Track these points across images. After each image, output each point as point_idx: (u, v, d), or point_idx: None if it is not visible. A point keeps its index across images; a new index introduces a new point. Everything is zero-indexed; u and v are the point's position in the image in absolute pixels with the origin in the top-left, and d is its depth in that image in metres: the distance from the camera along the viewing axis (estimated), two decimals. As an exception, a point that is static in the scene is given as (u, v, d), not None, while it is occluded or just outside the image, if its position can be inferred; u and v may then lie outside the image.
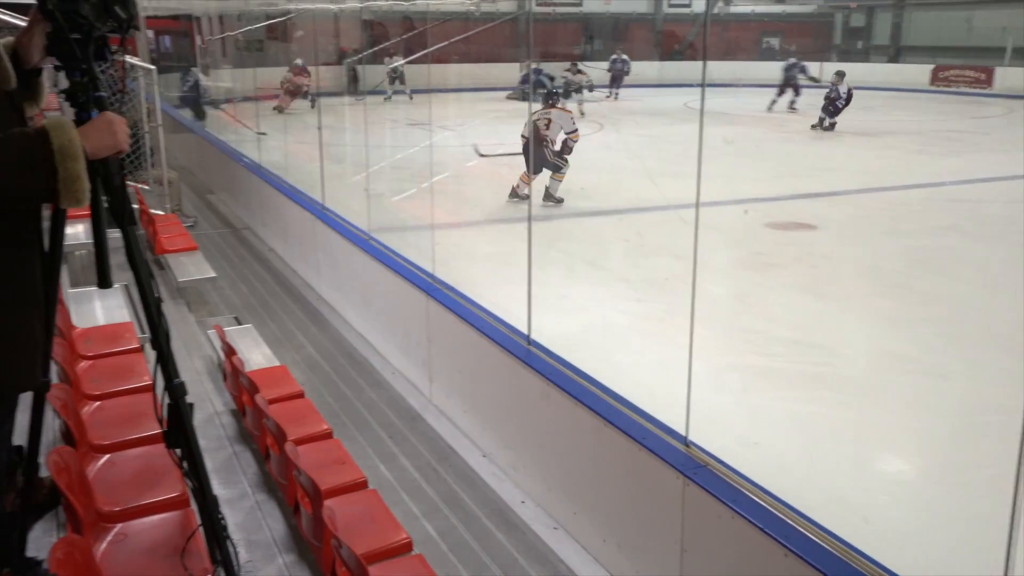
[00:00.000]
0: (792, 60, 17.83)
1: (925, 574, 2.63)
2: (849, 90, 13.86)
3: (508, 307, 3.98)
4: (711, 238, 7.11)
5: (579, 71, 18.01)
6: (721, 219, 7.97)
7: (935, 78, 23.97)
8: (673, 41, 27.14)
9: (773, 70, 23.17)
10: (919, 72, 24.32)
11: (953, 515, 3.17)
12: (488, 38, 19.87)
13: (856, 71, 25.13)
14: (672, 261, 5.86)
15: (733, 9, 28.29)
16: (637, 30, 27.83)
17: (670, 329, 3.26)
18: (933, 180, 9.90)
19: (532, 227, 4.28)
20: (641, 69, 22.54)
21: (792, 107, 17.33)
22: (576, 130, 8.28)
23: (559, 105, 8.75)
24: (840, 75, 14.25)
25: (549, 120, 8.21)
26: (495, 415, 3.87)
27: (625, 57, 20.71)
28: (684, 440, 2.90)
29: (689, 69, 22.38)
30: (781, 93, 17.69)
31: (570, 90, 16.97)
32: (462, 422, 4.12)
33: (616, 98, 20.66)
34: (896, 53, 27.61)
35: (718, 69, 17.96)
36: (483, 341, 3.86)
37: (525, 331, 3.72)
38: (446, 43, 9.65)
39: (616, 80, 20.98)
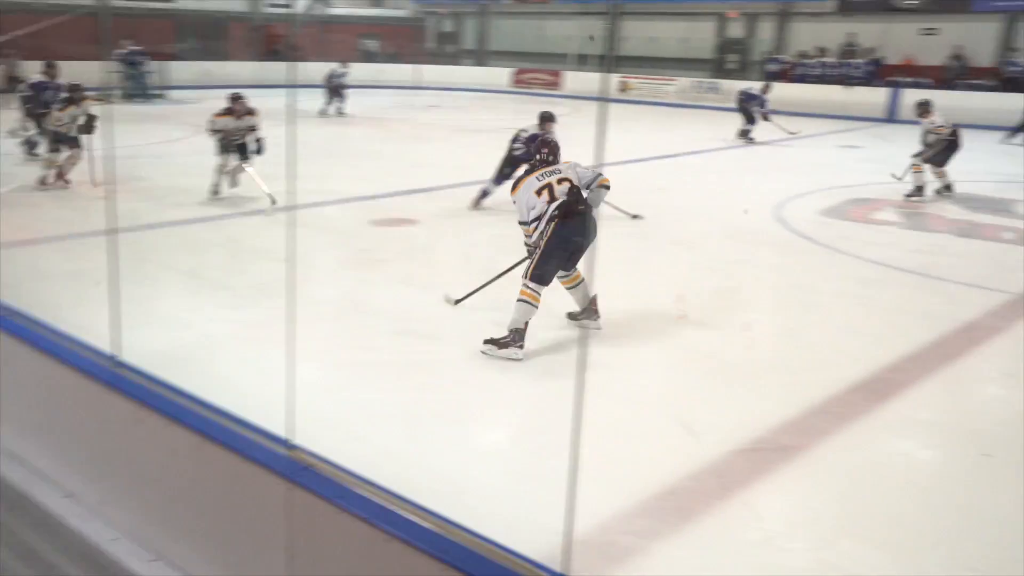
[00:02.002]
0: (337, 67, 17.40)
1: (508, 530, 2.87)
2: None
3: (99, 329, 3.62)
4: (318, 239, 7.22)
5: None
6: (326, 219, 8.02)
7: (515, 80, 26.34)
8: (273, 41, 26.63)
9: (371, 71, 23.90)
10: (503, 75, 26.57)
11: (534, 474, 3.51)
12: (63, 32, 17.85)
13: (449, 74, 26.93)
14: (277, 265, 5.77)
15: (332, 10, 28.53)
16: (237, 29, 26.88)
17: (276, 334, 3.23)
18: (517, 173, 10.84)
19: (119, 240, 3.94)
20: (236, 70, 21.89)
21: (338, 112, 17.20)
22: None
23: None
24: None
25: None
26: (80, 449, 3.50)
27: (344, 70, 17.63)
28: (287, 444, 2.86)
29: (291, 69, 22.21)
30: (330, 100, 17.17)
31: None
32: (41, 462, 3.67)
33: (340, 113, 17.52)
34: (483, 57, 29.91)
35: (319, 70, 18.08)
36: (61, 369, 3.47)
37: (109, 351, 3.41)
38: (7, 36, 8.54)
39: (336, 94, 17.53)
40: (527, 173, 5.01)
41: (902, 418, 4.19)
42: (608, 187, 5.01)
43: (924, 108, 10.01)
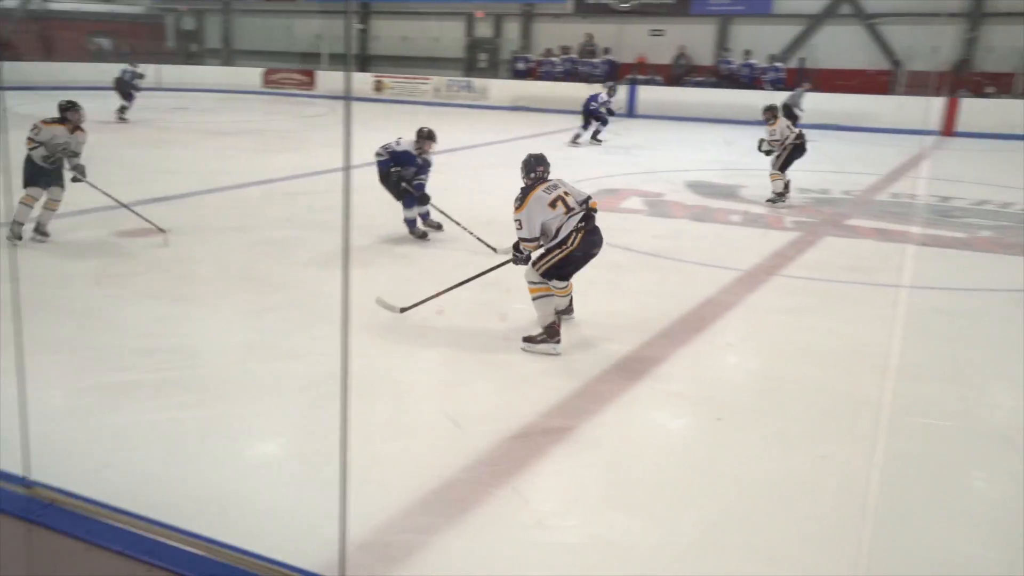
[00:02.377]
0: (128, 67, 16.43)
1: (285, 544, 2.78)
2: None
3: None
4: (53, 255, 6.57)
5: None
6: (61, 233, 7.34)
7: (266, 81, 25.48)
8: (-17, 39, 23.95)
9: (96, 72, 22.11)
10: (252, 75, 25.60)
11: (307, 484, 3.43)
12: None
13: (193, 74, 25.54)
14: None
15: (54, 6, 26.11)
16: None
17: (5, 361, 2.89)
18: (270, 176, 10.53)
19: None
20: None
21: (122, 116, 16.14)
22: None
23: None
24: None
25: None
26: None
27: (136, 70, 15.85)
28: (24, 481, 2.59)
29: (8, 71, 20.07)
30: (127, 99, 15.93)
31: None
32: None
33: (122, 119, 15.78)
34: (229, 56, 28.64)
35: (40, 71, 16.50)
36: None
37: None
38: None
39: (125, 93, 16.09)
40: (530, 189, 5.02)
41: (655, 392, 4.51)
42: (596, 211, 5.17)
43: (772, 114, 10.15)
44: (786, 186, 9.81)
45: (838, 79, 18.79)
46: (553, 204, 4.96)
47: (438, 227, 7.69)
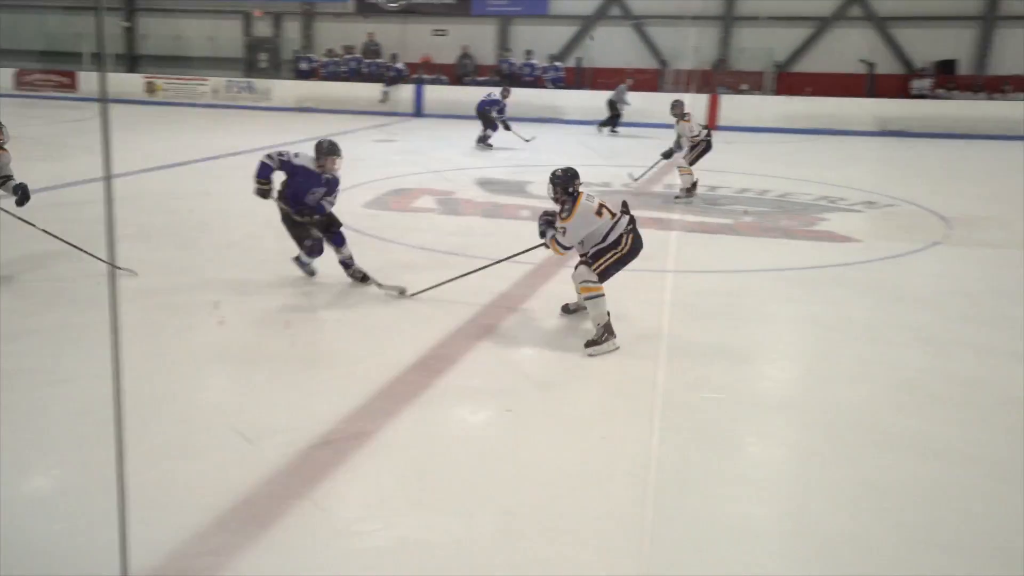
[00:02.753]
0: None
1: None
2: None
3: None
4: None
5: None
6: None
7: (19, 82, 23.30)
8: None
9: None
10: (3, 76, 23.32)
11: (86, 516, 3.18)
12: None
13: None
14: None
15: None
16: None
17: None
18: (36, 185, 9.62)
19: None
20: None
21: None
22: None
23: None
24: None
25: None
26: None
27: None
28: None
29: None
30: None
31: None
32: None
33: None
34: (-28, 56, 25.94)
35: None
36: None
37: None
38: None
39: None
40: (574, 200, 5.18)
41: (456, 388, 4.56)
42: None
43: (679, 109, 10.32)
44: (694, 184, 10.17)
45: (612, 77, 19.80)
46: (599, 212, 5.18)
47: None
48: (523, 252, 5.83)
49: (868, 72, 20.40)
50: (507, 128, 14.81)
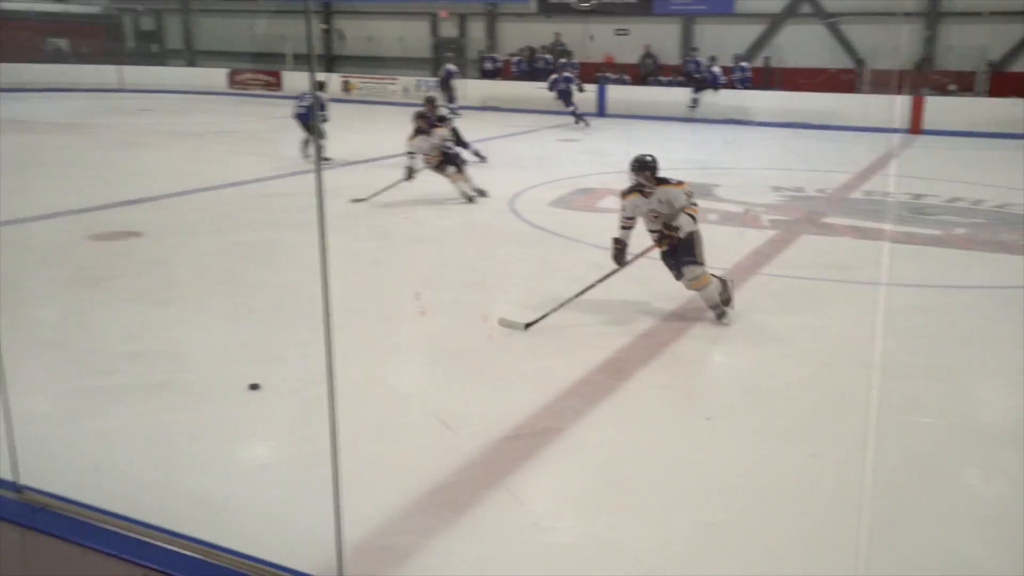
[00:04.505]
0: None
1: (281, 547, 2.73)
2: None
3: None
4: (24, 258, 6.43)
5: None
6: (31, 236, 7.20)
7: (232, 81, 25.17)
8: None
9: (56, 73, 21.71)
10: (217, 75, 25.27)
11: (302, 485, 3.38)
12: None
13: (156, 75, 25.17)
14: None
15: (4, 5, 25.56)
16: None
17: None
18: (245, 178, 10.39)
19: None
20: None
21: None
22: None
23: None
24: None
25: None
26: None
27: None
28: (14, 486, 2.54)
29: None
30: None
31: None
32: None
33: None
34: (192, 57, 28.26)
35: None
36: None
37: None
38: None
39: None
40: (667, 182, 5.55)
41: (642, 391, 4.50)
42: None
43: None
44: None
45: (802, 78, 18.99)
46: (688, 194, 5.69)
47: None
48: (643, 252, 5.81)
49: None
50: (581, 91, 16.79)
